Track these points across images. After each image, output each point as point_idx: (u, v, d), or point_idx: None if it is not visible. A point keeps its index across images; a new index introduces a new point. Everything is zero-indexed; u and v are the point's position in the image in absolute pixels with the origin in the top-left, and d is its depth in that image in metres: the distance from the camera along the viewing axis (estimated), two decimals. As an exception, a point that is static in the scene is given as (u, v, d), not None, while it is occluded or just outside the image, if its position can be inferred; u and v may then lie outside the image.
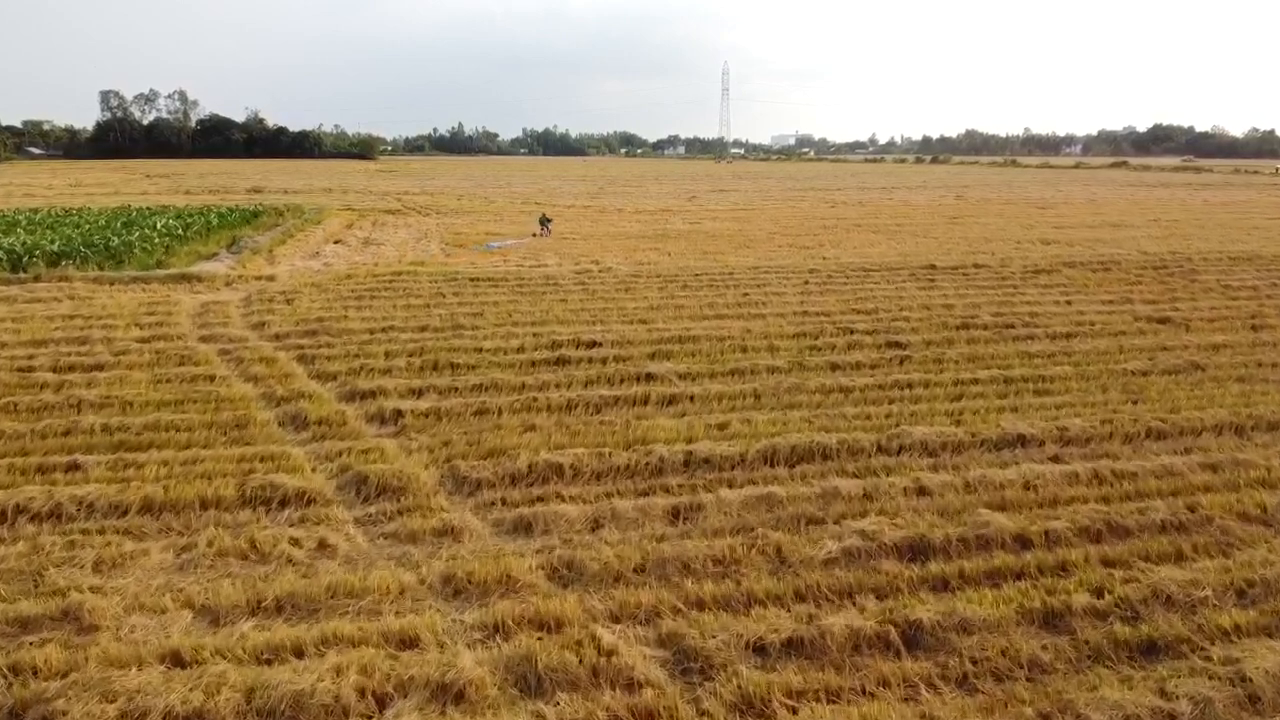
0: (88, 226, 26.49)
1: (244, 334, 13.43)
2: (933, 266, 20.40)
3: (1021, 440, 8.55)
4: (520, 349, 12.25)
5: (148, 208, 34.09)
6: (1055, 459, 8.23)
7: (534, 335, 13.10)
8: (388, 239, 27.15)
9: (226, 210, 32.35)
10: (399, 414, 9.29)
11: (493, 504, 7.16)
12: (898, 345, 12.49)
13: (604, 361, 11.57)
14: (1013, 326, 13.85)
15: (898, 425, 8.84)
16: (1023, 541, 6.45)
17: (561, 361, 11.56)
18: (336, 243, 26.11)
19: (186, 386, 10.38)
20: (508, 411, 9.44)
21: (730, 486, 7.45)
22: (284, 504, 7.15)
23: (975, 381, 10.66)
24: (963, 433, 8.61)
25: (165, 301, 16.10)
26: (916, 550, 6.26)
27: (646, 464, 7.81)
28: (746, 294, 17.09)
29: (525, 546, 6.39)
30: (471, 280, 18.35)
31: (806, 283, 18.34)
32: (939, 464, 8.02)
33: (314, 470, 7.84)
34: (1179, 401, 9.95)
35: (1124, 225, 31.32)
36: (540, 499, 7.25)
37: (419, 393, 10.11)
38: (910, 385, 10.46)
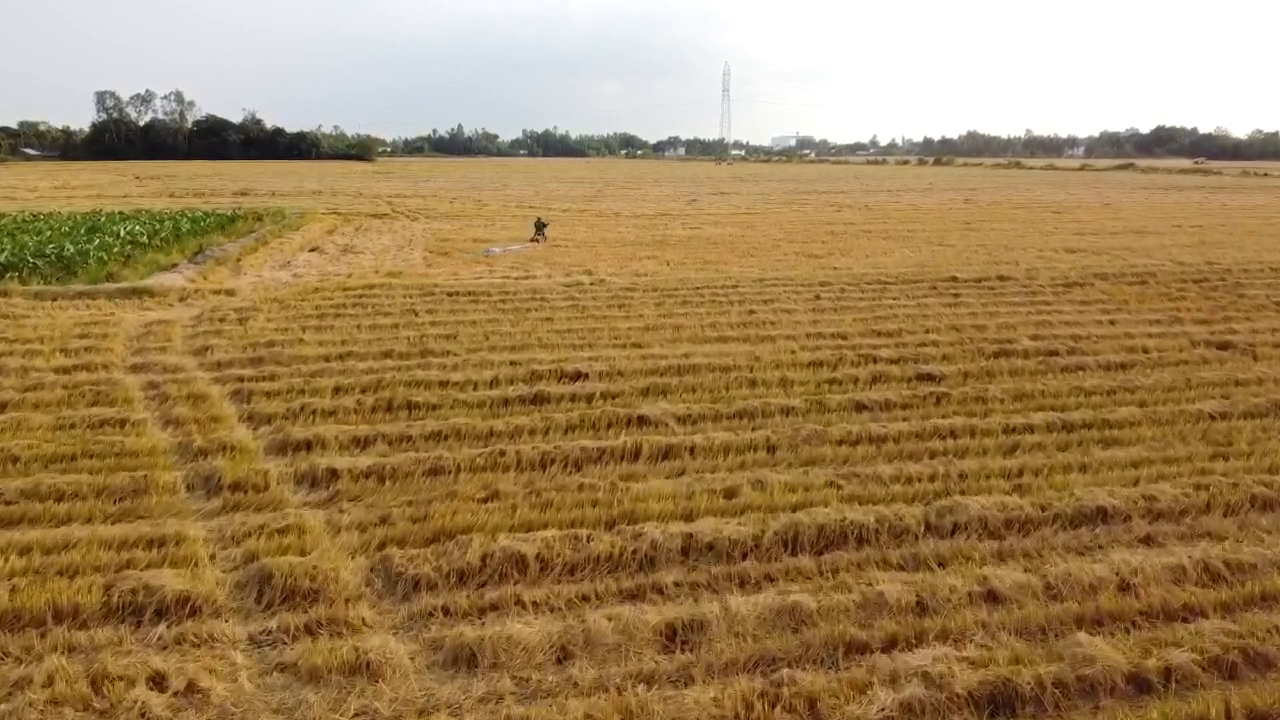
0: (49, 233, 24.80)
1: (181, 362, 11.76)
2: (954, 279, 18.73)
3: (1102, 515, 6.87)
4: (493, 382, 10.58)
5: (120, 212, 32.39)
6: (1148, 541, 6.57)
7: (511, 364, 11.43)
8: (369, 246, 25.50)
9: (201, 215, 30.67)
10: (334, 474, 7.61)
11: (430, 616, 5.48)
12: (930, 378, 10.81)
13: (589, 399, 9.90)
14: (1057, 354, 12.17)
15: (947, 493, 7.17)
16: (1139, 683, 4.78)
17: (540, 400, 9.87)
18: (313, 250, 24.45)
19: (90, 435, 8.70)
20: (467, 470, 7.76)
21: (742, 588, 5.77)
22: (161, 614, 5.48)
23: (1029, 428, 8.97)
24: (1028, 505, 6.93)
25: (105, 321, 14.42)
26: (1000, 702, 4.59)
27: (634, 552, 6.13)
28: (752, 311, 15.43)
29: (464, 693, 4.71)
30: (450, 295, 16.68)
31: (818, 298, 16.67)
32: (1006, 551, 6.35)
33: (211, 560, 6.16)
34: (1276, 456, 8.28)
35: (1148, 231, 29.64)
36: (494, 607, 5.57)
37: (364, 443, 8.43)
38: (953, 433, 8.78)
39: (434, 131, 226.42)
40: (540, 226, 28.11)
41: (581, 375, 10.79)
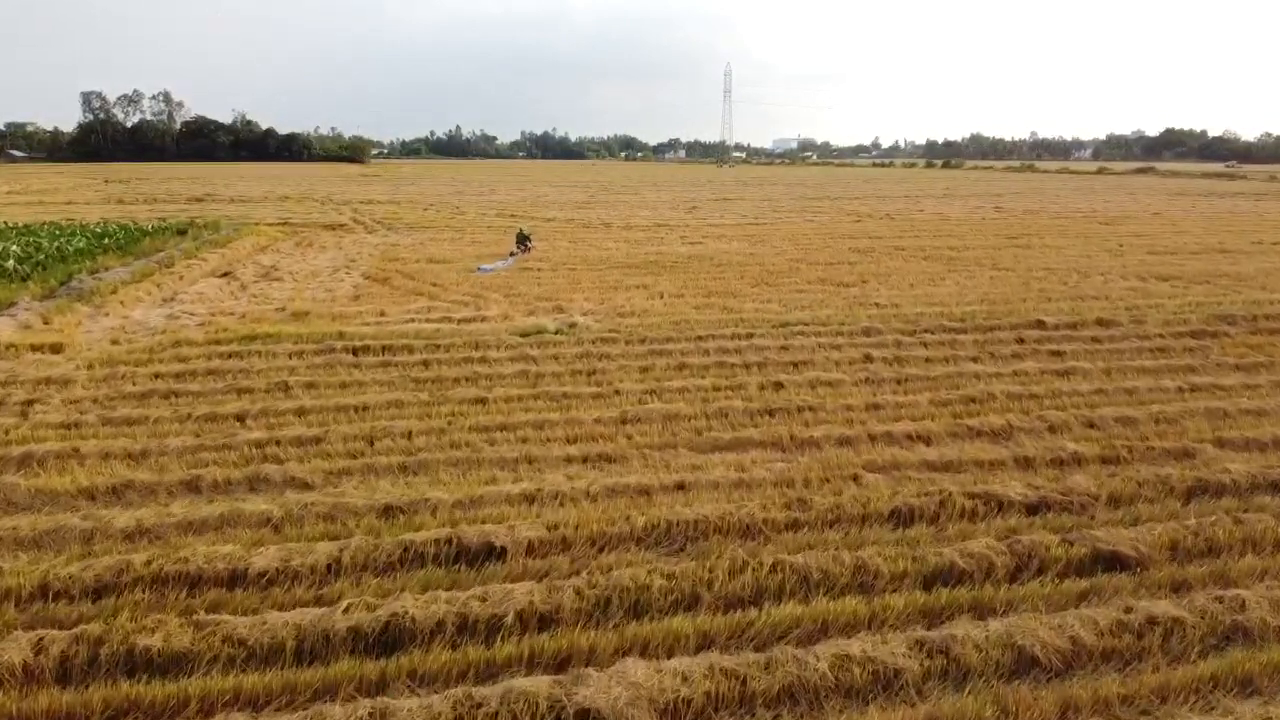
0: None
1: None
2: (1041, 324, 14.01)
3: None
4: (328, 572, 5.83)
5: (25, 225, 27.63)
6: None
7: (382, 515, 6.71)
8: (297, 268, 20.82)
9: (115, 229, 25.92)
10: None
11: None
12: (1117, 563, 6.06)
13: (489, 639, 5.14)
14: (1288, 487, 7.44)
15: None
16: None
17: (394, 641, 5.08)
18: (223, 275, 19.75)
19: None
20: None
21: None
22: None
23: None
24: None
25: None
26: None
27: None
28: (779, 384, 10.72)
29: None
30: (353, 352, 11.95)
31: (868, 359, 11.94)
32: None
33: None
34: None
35: (1231, 250, 24.90)
36: None
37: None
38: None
39: (431, 133, 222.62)
40: (522, 239, 23.97)
41: (496, 553, 6.06)
